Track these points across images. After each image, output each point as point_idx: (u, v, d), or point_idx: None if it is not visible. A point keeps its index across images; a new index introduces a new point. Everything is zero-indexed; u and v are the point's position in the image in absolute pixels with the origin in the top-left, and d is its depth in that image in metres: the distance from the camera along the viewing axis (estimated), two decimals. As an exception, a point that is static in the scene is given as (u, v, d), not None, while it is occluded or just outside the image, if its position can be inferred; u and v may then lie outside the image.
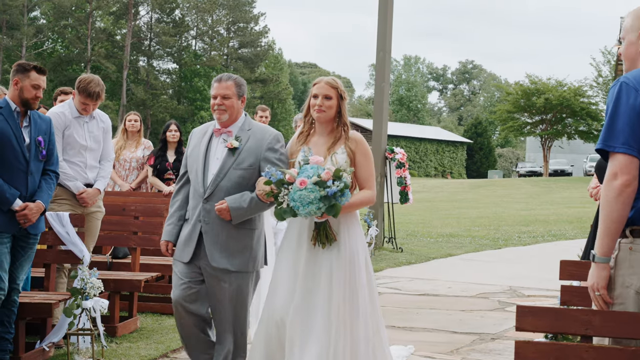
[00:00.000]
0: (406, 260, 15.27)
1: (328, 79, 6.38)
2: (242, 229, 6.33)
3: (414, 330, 9.36)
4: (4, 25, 78.40)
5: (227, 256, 6.29)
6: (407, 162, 17.22)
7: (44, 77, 7.18)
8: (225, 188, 6.28)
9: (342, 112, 6.32)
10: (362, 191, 6.24)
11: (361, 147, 6.25)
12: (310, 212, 5.69)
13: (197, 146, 6.54)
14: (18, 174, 6.96)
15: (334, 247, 6.04)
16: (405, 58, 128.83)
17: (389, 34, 17.53)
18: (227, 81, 6.45)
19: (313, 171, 5.72)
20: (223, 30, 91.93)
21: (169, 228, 6.56)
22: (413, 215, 27.61)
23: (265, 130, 6.48)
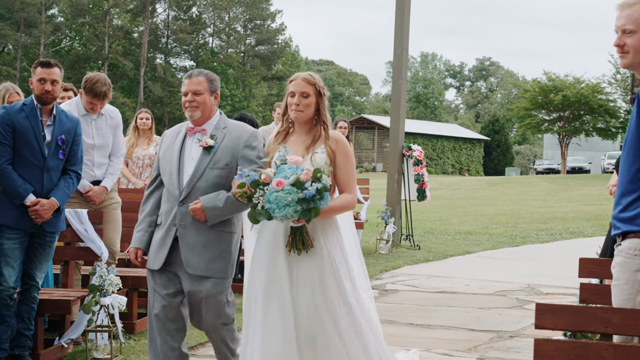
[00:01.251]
0: (424, 258, 15.24)
1: (304, 75, 5.94)
2: (221, 232, 5.98)
3: (432, 327, 9.35)
4: (22, 23, 78.73)
5: (205, 261, 5.91)
6: (425, 159, 17.18)
7: (50, 70, 7.15)
8: (202, 189, 5.93)
9: (321, 110, 5.90)
10: (342, 195, 5.81)
11: (342, 147, 5.82)
12: (286, 215, 5.28)
13: (170, 147, 6.18)
14: (34, 170, 6.99)
15: (311, 254, 5.58)
16: (422, 55, 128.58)
17: (407, 31, 17.49)
18: (197, 76, 6.11)
19: (291, 171, 5.33)
20: (240, 27, 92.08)
21: (138, 235, 6.16)
22: (430, 213, 27.56)
23: (242, 127, 6.13)
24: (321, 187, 5.27)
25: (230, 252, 6.03)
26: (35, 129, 7.00)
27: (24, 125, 6.98)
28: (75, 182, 7.30)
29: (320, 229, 5.67)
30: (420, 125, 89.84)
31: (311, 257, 5.59)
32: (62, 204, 7.12)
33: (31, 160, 6.99)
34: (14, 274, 6.95)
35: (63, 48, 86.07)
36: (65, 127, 7.18)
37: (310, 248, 5.57)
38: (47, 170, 7.05)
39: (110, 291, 7.44)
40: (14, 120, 6.99)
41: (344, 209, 5.82)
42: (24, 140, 6.97)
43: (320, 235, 5.65)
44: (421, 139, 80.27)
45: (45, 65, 7.17)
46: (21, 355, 7.10)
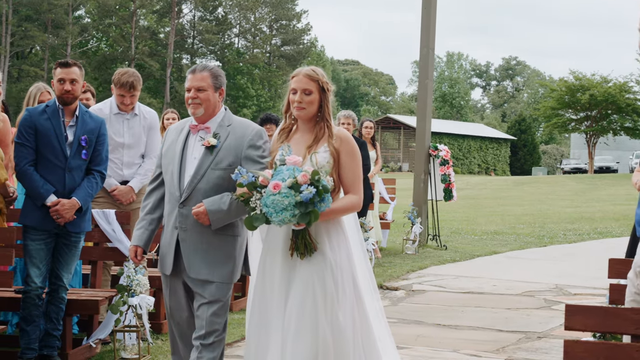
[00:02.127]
0: (450, 258, 15.19)
1: (307, 70, 5.63)
2: (224, 235, 5.68)
3: (459, 328, 9.31)
4: (50, 25, 79.21)
5: (208, 266, 5.64)
6: (451, 159, 17.13)
7: (68, 70, 7.17)
8: (203, 190, 5.64)
9: (325, 107, 5.59)
10: (347, 196, 5.51)
11: (346, 145, 5.53)
12: (284, 220, 5.04)
13: (172, 145, 5.88)
14: (56, 170, 7.03)
15: (314, 257, 5.34)
16: (448, 54, 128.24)
17: (433, 30, 17.45)
18: (202, 72, 5.78)
19: (289, 173, 5.05)
20: (266, 27, 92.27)
21: (138, 232, 5.93)
22: (457, 213, 27.47)
23: (247, 125, 5.81)
24: (320, 189, 5.02)
25: (235, 256, 5.74)
26: (56, 130, 7.04)
27: (45, 127, 7.03)
28: (99, 182, 7.29)
29: (324, 231, 5.43)
30: (447, 124, 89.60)
31: (313, 261, 5.35)
32: (83, 204, 7.12)
33: (53, 161, 7.03)
34: (40, 274, 7.00)
35: (90, 49, 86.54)
36: (89, 127, 7.20)
37: (313, 252, 5.33)
38: (69, 171, 7.07)
39: (138, 291, 7.47)
40: (35, 122, 7.04)
41: (348, 210, 5.56)
42: (45, 141, 7.01)
43: (324, 238, 5.42)
44: (447, 138, 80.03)
45: (64, 65, 7.20)
46: (50, 355, 7.14)
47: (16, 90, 73.29)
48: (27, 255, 6.98)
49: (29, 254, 6.98)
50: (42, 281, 7.03)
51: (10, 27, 76.24)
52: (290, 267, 5.39)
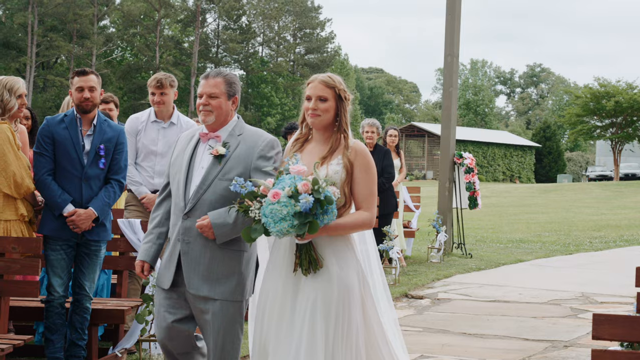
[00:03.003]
0: (476, 266, 15.14)
1: (323, 77, 5.30)
2: (229, 250, 5.39)
3: (485, 337, 9.27)
4: (75, 35, 79.74)
5: (210, 282, 5.35)
6: (476, 167, 17.08)
7: (86, 78, 7.20)
8: (208, 202, 5.37)
9: (341, 116, 5.28)
10: (358, 212, 5.20)
11: (361, 159, 5.20)
12: (281, 231, 4.72)
13: (181, 153, 5.64)
14: (73, 180, 7.06)
15: (319, 275, 5.02)
16: (472, 62, 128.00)
17: (457, 38, 17.42)
18: (215, 77, 5.52)
19: (290, 182, 4.77)
20: (289, 36, 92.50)
21: (146, 246, 5.69)
22: (482, 221, 27.39)
23: (259, 135, 5.54)
24: (322, 199, 4.72)
25: (241, 272, 5.43)
26: (74, 139, 7.07)
27: (63, 136, 7.07)
28: (117, 191, 7.28)
29: (330, 246, 5.09)
30: (471, 132, 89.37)
31: (317, 278, 5.02)
32: (100, 214, 7.12)
33: (70, 170, 7.06)
34: (62, 284, 7.04)
35: (115, 58, 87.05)
36: (107, 135, 7.21)
37: (318, 268, 5.01)
38: (86, 180, 7.09)
39: (164, 301, 7.46)
40: (53, 132, 7.08)
41: (357, 227, 5.19)
42: (63, 150, 7.05)
43: (331, 254, 5.08)
44: (471, 146, 79.82)
45: (82, 74, 7.24)
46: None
47: (42, 100, 73.90)
48: (49, 265, 7.02)
49: (50, 263, 7.01)
50: (64, 290, 7.06)
51: (36, 37, 76.82)
52: (294, 284, 5.07)
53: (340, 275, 5.04)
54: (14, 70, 73.88)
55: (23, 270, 6.79)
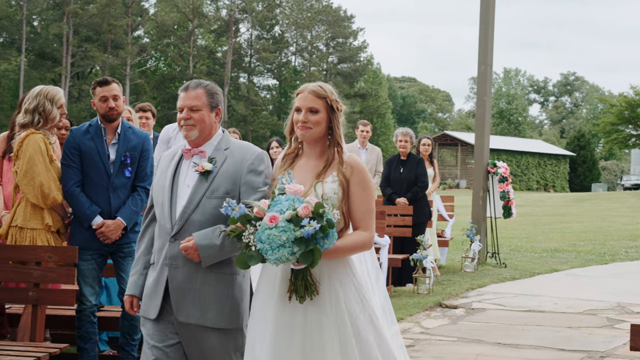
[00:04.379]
0: (510, 276, 15.04)
1: (313, 87, 4.94)
2: (220, 274, 4.96)
3: (520, 347, 9.20)
4: (109, 45, 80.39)
5: (200, 308, 4.92)
6: (510, 176, 17.01)
7: (109, 87, 7.26)
8: (197, 222, 4.94)
9: (334, 129, 4.92)
10: (356, 232, 4.80)
11: (358, 174, 4.83)
12: (280, 258, 4.32)
13: (163, 173, 5.19)
14: (101, 190, 7.11)
15: (316, 302, 4.62)
16: (505, 70, 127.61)
17: (491, 46, 17.36)
18: (195, 89, 5.13)
19: (288, 204, 4.38)
20: (322, 45, 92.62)
21: (133, 279, 5.20)
22: (516, 230, 27.23)
23: (247, 148, 5.13)
24: (324, 224, 4.34)
25: (233, 296, 5.00)
26: (99, 149, 7.12)
27: (89, 147, 7.12)
28: (144, 198, 7.30)
29: (327, 269, 4.69)
30: (504, 141, 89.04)
31: (315, 306, 4.62)
32: (128, 223, 7.18)
33: (97, 181, 7.11)
34: (93, 293, 7.12)
35: (149, 68, 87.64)
36: (131, 143, 7.24)
37: (314, 295, 4.60)
38: (112, 190, 7.13)
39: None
40: (79, 143, 7.13)
41: (357, 249, 4.80)
42: (89, 161, 7.10)
43: (328, 279, 4.69)
44: (505, 155, 79.52)
45: (104, 84, 7.29)
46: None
47: (77, 109, 74.47)
48: (80, 275, 7.06)
49: (81, 273, 7.06)
50: (95, 299, 7.12)
51: (71, 47, 77.50)
52: (289, 313, 4.65)
53: (338, 299, 4.66)
54: (49, 80, 74.57)
55: (59, 279, 6.84)
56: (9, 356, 6.17)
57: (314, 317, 4.60)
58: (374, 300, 5.00)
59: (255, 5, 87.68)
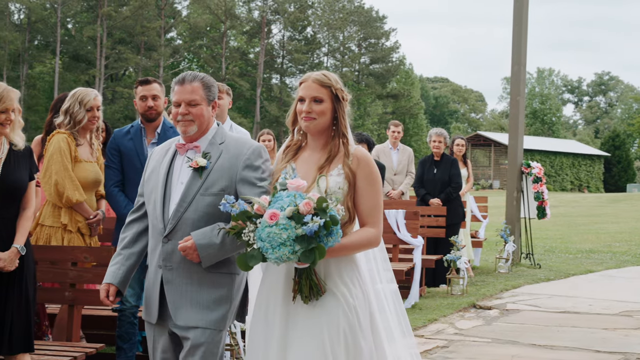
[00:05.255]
0: (545, 277, 14.95)
1: (317, 75, 4.69)
2: (218, 274, 4.75)
3: (555, 348, 9.15)
4: (142, 47, 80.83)
5: (199, 310, 4.72)
6: (544, 176, 16.91)
7: (149, 86, 7.35)
8: (191, 221, 4.72)
9: (340, 119, 4.67)
10: (363, 229, 4.58)
11: (365, 167, 4.60)
12: (281, 257, 4.12)
13: (156, 168, 4.99)
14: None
15: (322, 303, 4.42)
16: (538, 70, 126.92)
17: (524, 46, 17.27)
18: (192, 82, 4.88)
19: (289, 200, 4.16)
20: (354, 46, 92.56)
21: (113, 269, 4.96)
22: (550, 231, 27.06)
23: (243, 142, 4.89)
24: (327, 220, 4.12)
25: (231, 298, 4.80)
26: (138, 150, 7.21)
27: (128, 147, 7.22)
28: None
29: (334, 267, 4.51)
30: (538, 141, 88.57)
31: (321, 305, 4.43)
32: None
33: (136, 181, 7.13)
34: (134, 294, 7.16)
35: (181, 70, 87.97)
36: None
37: (319, 295, 4.41)
38: None
39: (232, 310, 7.50)
40: (119, 144, 7.24)
41: (363, 246, 4.60)
42: (128, 161, 7.20)
43: (335, 277, 4.49)
44: (539, 155, 79.09)
45: (145, 83, 7.38)
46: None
47: (110, 111, 74.92)
48: None
49: None
50: (136, 300, 7.16)
51: (105, 50, 78.01)
52: (294, 314, 4.46)
53: (346, 300, 4.46)
54: (83, 82, 75.12)
55: (95, 279, 6.89)
56: (46, 355, 6.24)
57: (320, 316, 4.40)
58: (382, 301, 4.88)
59: (288, 6, 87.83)
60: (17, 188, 6.12)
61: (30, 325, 6.08)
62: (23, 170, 6.19)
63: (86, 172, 7.45)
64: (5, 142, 6.18)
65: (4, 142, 6.18)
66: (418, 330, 9.95)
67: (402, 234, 11.95)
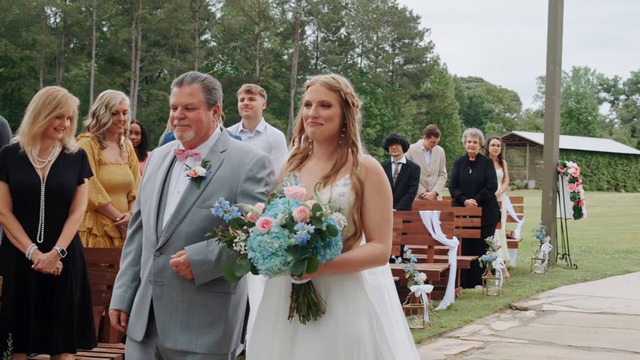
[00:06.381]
0: (581, 277, 14.85)
1: (325, 78, 4.34)
2: (212, 293, 4.38)
3: (592, 350, 9.08)
4: (177, 49, 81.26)
5: (190, 332, 4.35)
6: (580, 176, 16.80)
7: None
8: (185, 235, 4.35)
9: (349, 126, 4.32)
10: (369, 244, 4.19)
11: (374, 177, 4.23)
12: (272, 269, 3.73)
13: (153, 175, 4.61)
14: None
15: (321, 323, 4.04)
16: (574, 69, 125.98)
17: (559, 45, 17.17)
18: (191, 84, 4.49)
19: (284, 207, 3.80)
20: (388, 47, 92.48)
21: (119, 292, 4.62)
22: (586, 231, 26.86)
23: (246, 151, 4.51)
24: (323, 229, 3.73)
25: (227, 319, 4.41)
26: None
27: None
28: None
29: (336, 285, 4.12)
30: (574, 141, 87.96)
31: (319, 327, 4.04)
32: None
33: None
34: None
35: (216, 72, 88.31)
36: None
37: (320, 314, 4.03)
38: None
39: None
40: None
41: (368, 263, 4.20)
42: None
43: (336, 296, 4.10)
44: (575, 155, 78.57)
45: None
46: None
47: (146, 113, 75.43)
48: None
49: None
50: None
51: (140, 52, 78.48)
52: (291, 334, 4.11)
53: (347, 321, 4.07)
54: (118, 85, 75.67)
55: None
56: (84, 356, 6.29)
57: (318, 338, 4.03)
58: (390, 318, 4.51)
59: (321, 7, 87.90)
60: (62, 191, 6.20)
61: (73, 326, 6.14)
62: (71, 173, 6.26)
63: (111, 174, 7.49)
64: (58, 145, 6.29)
65: (57, 146, 6.29)
66: (454, 331, 9.93)
67: (438, 235, 11.92)
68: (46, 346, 6.10)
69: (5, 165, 6.20)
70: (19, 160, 6.19)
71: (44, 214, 6.17)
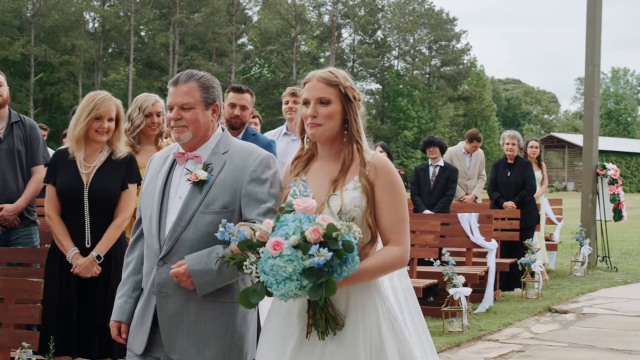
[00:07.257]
0: (622, 280, 14.73)
1: (322, 73, 4.08)
2: (219, 303, 4.19)
3: (634, 353, 9.01)
4: (214, 53, 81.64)
5: (196, 344, 4.19)
6: (620, 178, 16.66)
7: (241, 95, 7.39)
8: (189, 242, 4.16)
9: (351, 122, 4.03)
10: (385, 249, 3.94)
11: (384, 176, 3.96)
12: (287, 294, 3.51)
13: (153, 180, 4.42)
14: None
15: (340, 338, 3.81)
16: (613, 70, 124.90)
17: (598, 47, 17.05)
18: (186, 83, 4.29)
19: (294, 226, 3.51)
20: (425, 49, 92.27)
21: (120, 302, 4.44)
22: (627, 233, 26.60)
23: (250, 151, 4.32)
24: (340, 249, 3.48)
25: (234, 329, 4.23)
26: None
27: None
28: None
29: (355, 296, 3.89)
30: (613, 142, 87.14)
31: (339, 342, 3.81)
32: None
33: None
34: None
35: (253, 75, 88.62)
36: None
37: (339, 329, 3.80)
38: None
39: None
40: None
41: (387, 269, 3.96)
42: None
43: (356, 308, 3.87)
44: (614, 156, 77.81)
45: (237, 91, 7.42)
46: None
47: (183, 117, 75.75)
48: None
49: None
50: None
51: (177, 56, 78.94)
52: (309, 351, 3.85)
53: (369, 334, 3.86)
54: (156, 89, 76.08)
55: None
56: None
57: (337, 355, 3.80)
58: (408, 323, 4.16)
59: (358, 10, 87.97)
60: (103, 197, 6.25)
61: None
62: (115, 179, 6.31)
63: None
64: (105, 150, 6.34)
65: (105, 151, 6.34)
66: (493, 335, 9.89)
67: (476, 238, 11.88)
68: (87, 350, 6.15)
69: (55, 169, 6.30)
70: (67, 164, 6.27)
71: (89, 219, 6.23)
